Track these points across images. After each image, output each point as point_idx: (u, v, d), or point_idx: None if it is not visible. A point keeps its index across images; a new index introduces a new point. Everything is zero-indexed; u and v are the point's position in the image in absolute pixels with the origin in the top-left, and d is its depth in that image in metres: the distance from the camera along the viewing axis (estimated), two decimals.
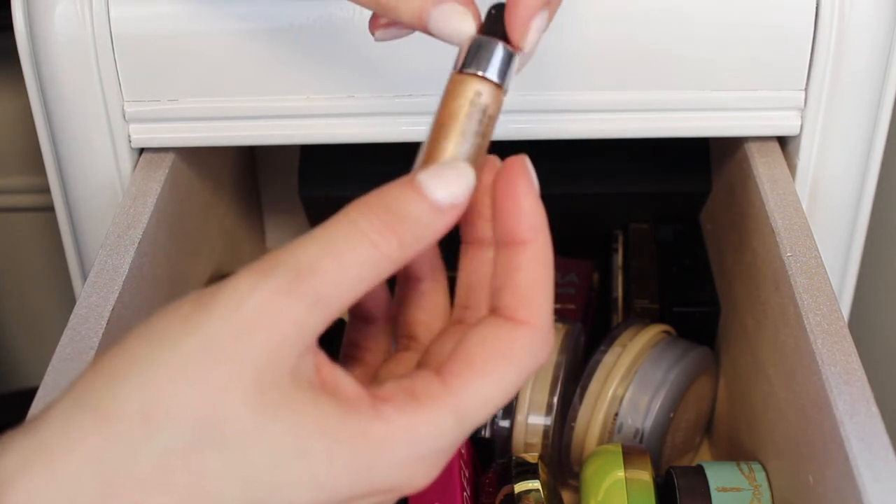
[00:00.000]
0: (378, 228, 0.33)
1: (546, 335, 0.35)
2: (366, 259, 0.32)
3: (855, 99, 0.57)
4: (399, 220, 0.33)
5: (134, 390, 0.30)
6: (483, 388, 0.34)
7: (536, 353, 0.35)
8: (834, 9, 0.54)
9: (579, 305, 0.74)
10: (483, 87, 0.37)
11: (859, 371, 0.45)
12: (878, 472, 0.40)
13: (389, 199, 0.33)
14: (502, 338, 0.35)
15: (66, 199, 0.61)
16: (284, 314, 0.31)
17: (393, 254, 0.33)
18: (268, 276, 0.31)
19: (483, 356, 0.34)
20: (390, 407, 0.33)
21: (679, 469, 0.55)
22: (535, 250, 0.36)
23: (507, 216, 0.36)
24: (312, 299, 0.31)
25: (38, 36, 0.55)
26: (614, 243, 0.75)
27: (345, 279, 0.32)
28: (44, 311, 1.00)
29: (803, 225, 0.53)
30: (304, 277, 0.31)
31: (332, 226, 0.32)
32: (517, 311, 0.35)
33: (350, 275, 0.32)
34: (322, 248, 0.32)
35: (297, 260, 0.32)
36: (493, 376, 0.34)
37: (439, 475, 0.34)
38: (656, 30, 0.55)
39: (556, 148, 0.61)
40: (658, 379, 0.62)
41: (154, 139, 0.58)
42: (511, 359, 0.34)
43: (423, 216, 0.33)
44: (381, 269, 0.33)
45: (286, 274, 0.31)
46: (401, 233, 0.33)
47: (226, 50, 0.55)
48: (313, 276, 0.31)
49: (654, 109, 0.57)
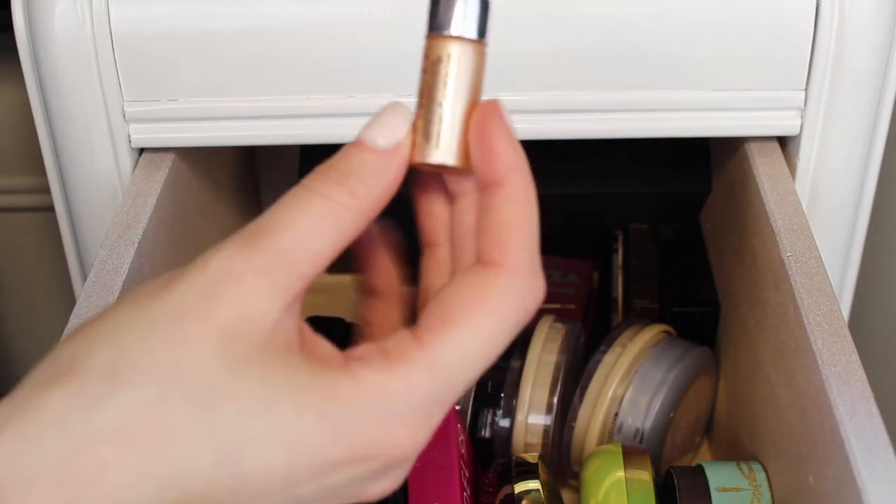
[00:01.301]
0: (327, 183, 0.33)
1: (526, 276, 0.34)
2: (320, 210, 0.33)
3: (855, 99, 0.57)
4: (346, 172, 0.34)
5: (101, 348, 0.31)
6: (457, 339, 0.33)
7: (516, 295, 0.33)
8: (834, 9, 0.55)
9: (579, 305, 0.74)
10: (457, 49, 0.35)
11: (859, 371, 0.45)
12: (878, 472, 0.40)
13: (336, 160, 0.34)
14: (475, 284, 0.34)
15: (66, 199, 0.61)
16: (246, 269, 0.32)
17: (346, 201, 0.33)
18: (230, 240, 0.32)
19: (455, 305, 0.33)
20: (359, 364, 0.32)
21: (679, 469, 0.55)
22: (509, 190, 0.35)
23: (482, 158, 0.35)
24: (272, 253, 0.32)
25: (38, 36, 0.55)
26: (614, 243, 0.75)
27: (303, 231, 0.32)
28: (44, 311, 1.00)
29: (803, 225, 0.53)
30: (261, 235, 0.32)
31: (288, 194, 0.33)
32: (490, 253, 0.34)
33: (308, 227, 0.33)
34: (278, 210, 0.33)
35: (255, 223, 0.33)
36: (466, 325, 0.33)
37: (439, 475, 0.34)
38: (656, 30, 0.55)
39: (556, 148, 0.62)
40: (658, 379, 0.62)
41: (154, 139, 0.58)
42: (485, 304, 0.33)
43: (368, 163, 0.34)
44: (338, 219, 0.33)
45: (244, 236, 0.32)
46: (350, 183, 0.33)
47: (226, 50, 0.55)
48: (270, 232, 0.32)
49: (654, 109, 0.57)
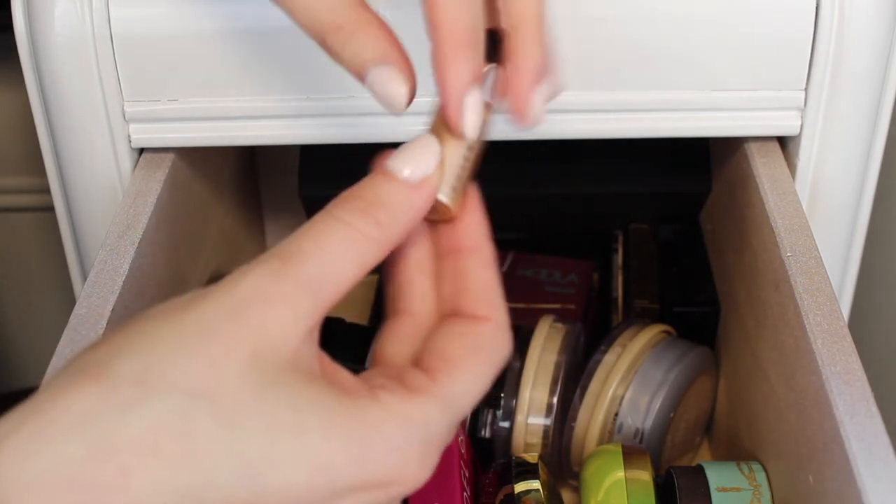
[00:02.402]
0: (354, 213, 0.35)
1: (506, 329, 0.38)
2: (345, 240, 0.34)
3: (855, 99, 0.57)
4: (373, 203, 0.35)
5: (130, 356, 0.31)
6: (464, 382, 0.36)
7: (502, 346, 0.38)
8: (834, 9, 0.54)
9: (579, 305, 0.74)
10: None
11: (859, 371, 0.45)
12: (878, 472, 0.40)
13: (363, 189, 0.36)
14: (473, 334, 0.37)
15: (66, 199, 0.61)
16: (274, 294, 0.32)
17: (371, 232, 0.35)
18: (258, 263, 0.33)
19: (460, 352, 0.36)
20: (386, 393, 0.34)
21: (679, 469, 0.55)
22: (487, 254, 0.39)
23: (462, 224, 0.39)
24: (299, 280, 0.33)
25: (38, 36, 0.55)
26: (614, 243, 0.75)
27: (328, 261, 0.34)
28: (44, 311, 1.00)
29: (803, 225, 0.53)
30: (290, 261, 0.33)
31: (314, 220, 0.35)
32: (478, 309, 0.38)
33: (333, 257, 0.34)
34: (304, 237, 0.34)
35: (282, 248, 0.34)
36: (470, 370, 0.36)
37: (439, 475, 0.34)
38: (656, 30, 0.55)
39: (556, 148, 0.61)
40: (658, 379, 0.62)
41: (154, 139, 0.58)
42: (483, 353, 0.37)
43: (396, 195, 0.36)
44: (363, 250, 0.35)
45: (273, 260, 0.33)
46: (376, 213, 0.35)
47: (226, 50, 0.55)
48: (298, 259, 0.33)
49: (654, 109, 0.57)
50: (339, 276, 0.34)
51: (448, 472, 0.52)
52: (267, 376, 0.32)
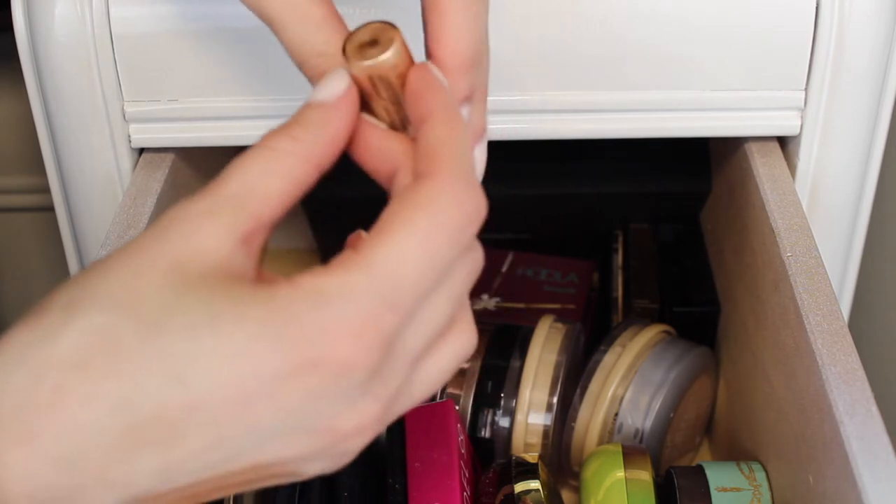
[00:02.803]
0: (270, 136, 0.36)
1: (461, 182, 0.34)
2: (263, 158, 0.35)
3: (855, 99, 0.57)
4: (289, 125, 0.36)
5: (65, 287, 0.33)
6: (391, 240, 0.33)
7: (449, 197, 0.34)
8: (834, 9, 0.55)
9: (579, 305, 0.74)
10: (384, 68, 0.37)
11: (859, 371, 0.45)
12: (878, 472, 0.40)
13: None
14: (408, 194, 0.34)
15: (66, 199, 0.61)
16: (195, 211, 0.33)
17: (290, 148, 0.35)
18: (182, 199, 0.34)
19: (388, 215, 0.33)
20: (300, 276, 0.33)
21: (679, 469, 0.55)
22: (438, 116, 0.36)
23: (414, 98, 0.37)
24: (219, 196, 0.34)
25: (38, 36, 0.55)
26: (614, 243, 0.75)
27: (249, 178, 0.34)
28: None
29: (803, 225, 0.53)
30: (212, 186, 0.34)
31: None
32: (421, 168, 0.35)
33: (253, 173, 0.34)
34: (229, 166, 0.35)
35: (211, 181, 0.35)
36: (399, 226, 0.33)
37: (439, 475, 0.34)
38: (656, 30, 0.55)
39: (557, 148, 0.62)
40: (658, 379, 0.62)
41: (154, 139, 0.58)
42: (417, 204, 0.33)
43: (310, 115, 0.36)
44: (284, 165, 0.35)
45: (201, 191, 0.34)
46: (290, 130, 0.36)
47: (226, 50, 0.55)
48: (218, 181, 0.34)
49: (654, 109, 0.57)
50: (264, 188, 0.34)
51: (448, 472, 0.52)
52: (189, 281, 0.32)
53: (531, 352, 0.62)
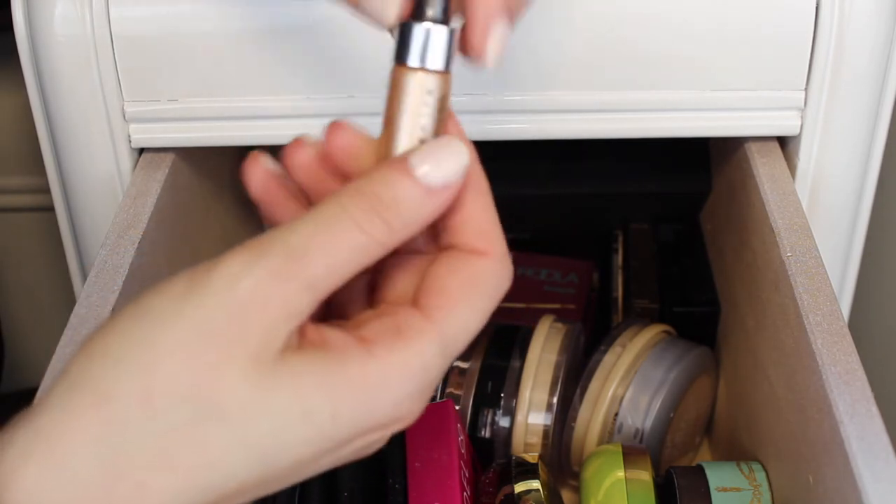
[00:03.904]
0: (368, 214, 0.33)
1: (505, 262, 0.37)
2: (355, 244, 0.33)
3: (855, 99, 0.57)
4: (388, 205, 0.34)
5: (131, 370, 0.31)
6: (461, 316, 0.35)
7: (500, 280, 0.36)
8: (834, 9, 0.54)
9: (579, 305, 0.74)
10: (429, 80, 0.36)
11: (859, 371, 0.45)
12: (878, 472, 0.40)
13: (380, 186, 0.34)
14: (470, 268, 0.36)
15: (66, 199, 0.61)
16: (276, 297, 0.32)
17: (382, 238, 0.34)
18: (260, 258, 0.32)
19: (457, 286, 0.35)
20: (380, 347, 0.33)
21: (679, 469, 0.55)
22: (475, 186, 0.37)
23: None
24: (303, 283, 0.32)
25: (38, 36, 0.55)
26: (614, 243, 0.75)
27: (334, 264, 0.33)
28: (44, 311, 1.00)
29: (803, 225, 0.53)
30: (296, 261, 0.32)
31: (323, 210, 0.33)
32: (475, 243, 0.36)
33: (339, 259, 0.33)
34: (313, 233, 0.33)
35: (289, 244, 0.32)
36: (469, 304, 0.35)
37: (439, 475, 0.34)
38: (657, 30, 0.55)
39: (557, 148, 0.62)
40: (658, 379, 0.62)
41: (154, 139, 0.58)
42: (482, 286, 0.36)
43: (413, 200, 0.34)
44: (370, 254, 0.34)
45: (278, 257, 0.32)
46: (390, 218, 0.34)
47: (225, 50, 0.55)
48: (305, 260, 0.32)
49: (654, 109, 0.57)
50: (340, 275, 0.33)
51: (448, 472, 0.52)
52: (266, 370, 0.32)
53: (531, 352, 0.62)
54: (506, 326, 0.65)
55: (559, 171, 0.72)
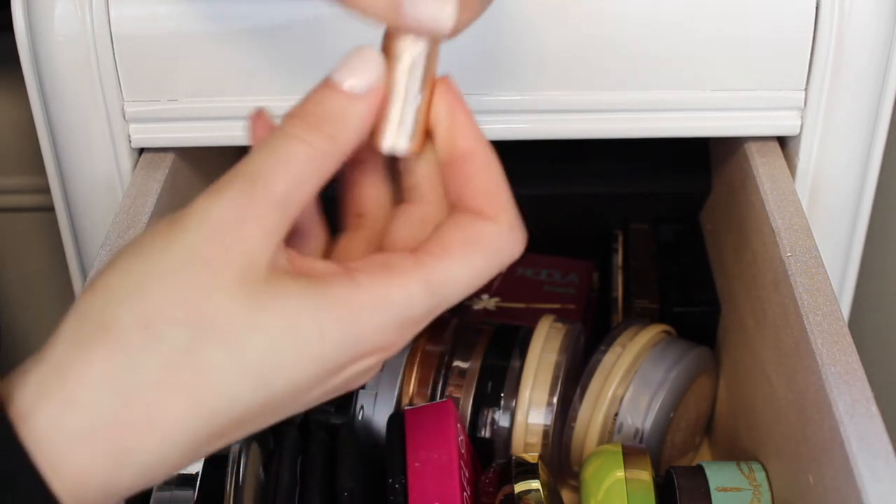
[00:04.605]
0: (309, 130, 0.36)
1: (514, 231, 0.38)
2: (306, 158, 0.35)
3: (855, 99, 0.57)
4: (327, 119, 0.36)
5: (130, 301, 0.33)
6: (453, 267, 0.37)
7: (505, 245, 0.38)
8: (834, 9, 0.55)
9: (579, 305, 0.74)
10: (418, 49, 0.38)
11: (859, 371, 0.45)
12: (878, 472, 0.40)
13: (312, 104, 0.37)
14: (474, 227, 0.38)
15: (66, 199, 0.61)
16: (247, 217, 0.34)
17: (328, 148, 0.36)
18: (224, 189, 0.35)
19: (458, 241, 0.37)
20: (365, 276, 0.35)
21: (679, 469, 0.55)
22: (484, 155, 0.39)
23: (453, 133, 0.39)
24: (269, 201, 0.35)
25: (38, 36, 0.55)
26: (614, 243, 0.75)
27: (292, 179, 0.35)
28: (44, 311, 1.00)
29: (803, 225, 0.53)
30: (256, 183, 0.35)
31: (270, 139, 0.36)
32: (483, 208, 0.38)
33: (295, 173, 0.35)
34: (266, 158, 0.35)
35: (246, 172, 0.35)
36: (464, 259, 0.37)
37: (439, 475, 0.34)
38: (656, 30, 0.55)
39: (557, 148, 0.62)
40: (658, 379, 0.62)
41: (154, 139, 0.58)
42: (482, 246, 0.37)
43: (343, 107, 0.36)
44: (322, 164, 0.36)
45: (239, 183, 0.35)
46: (331, 130, 0.36)
47: (226, 50, 0.55)
48: (263, 180, 0.35)
49: (654, 109, 0.57)
50: (303, 190, 0.35)
51: (448, 472, 0.52)
52: (254, 291, 0.34)
53: (531, 352, 0.62)
54: (506, 326, 0.65)
55: (559, 171, 0.72)
